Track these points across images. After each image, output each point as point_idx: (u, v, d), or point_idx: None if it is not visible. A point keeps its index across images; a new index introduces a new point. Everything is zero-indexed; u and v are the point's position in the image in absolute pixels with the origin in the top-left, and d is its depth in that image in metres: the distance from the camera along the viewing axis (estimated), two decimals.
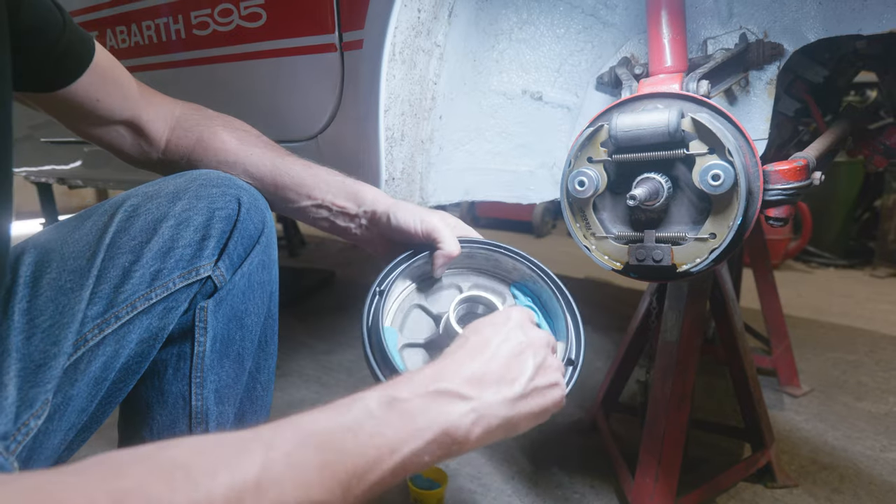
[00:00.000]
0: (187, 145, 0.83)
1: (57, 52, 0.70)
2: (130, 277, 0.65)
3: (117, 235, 0.66)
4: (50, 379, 0.58)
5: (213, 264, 0.70)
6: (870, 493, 1.33)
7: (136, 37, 1.32)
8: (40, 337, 0.59)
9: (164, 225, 0.67)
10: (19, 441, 0.55)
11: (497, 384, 0.50)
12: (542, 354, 0.55)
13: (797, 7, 0.88)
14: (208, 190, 0.71)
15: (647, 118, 0.78)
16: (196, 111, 0.87)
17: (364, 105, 1.02)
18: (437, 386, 0.47)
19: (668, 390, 1.14)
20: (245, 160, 0.81)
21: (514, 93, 1.13)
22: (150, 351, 0.69)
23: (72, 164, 1.88)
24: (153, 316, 0.67)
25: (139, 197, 0.69)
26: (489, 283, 0.80)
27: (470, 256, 0.78)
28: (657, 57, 0.89)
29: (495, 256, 0.77)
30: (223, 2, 1.14)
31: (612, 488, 1.34)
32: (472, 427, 0.46)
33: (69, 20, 0.72)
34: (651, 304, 1.34)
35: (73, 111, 0.77)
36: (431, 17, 1.01)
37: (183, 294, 0.69)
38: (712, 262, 0.78)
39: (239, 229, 0.72)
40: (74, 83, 0.74)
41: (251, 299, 0.75)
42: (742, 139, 0.78)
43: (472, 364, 0.50)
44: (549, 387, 0.54)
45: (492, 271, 0.80)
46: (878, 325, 2.59)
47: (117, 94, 0.79)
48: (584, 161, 0.86)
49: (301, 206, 0.81)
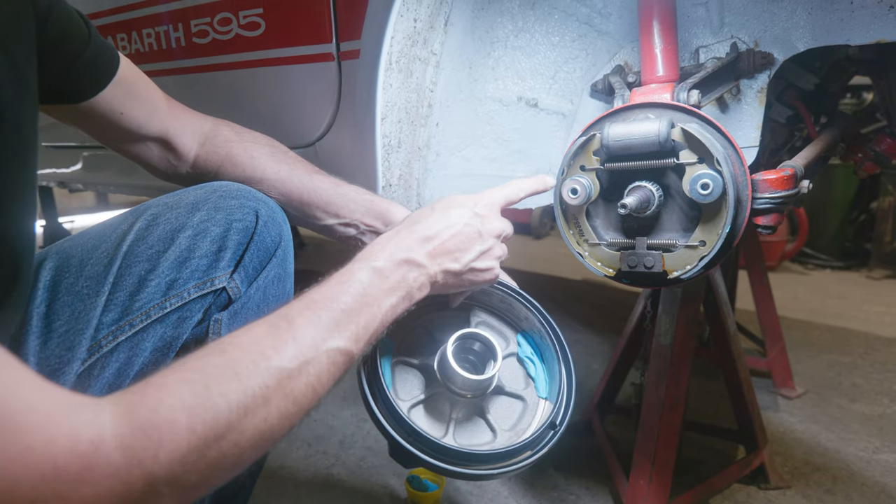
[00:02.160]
0: (217, 160, 0.84)
1: (82, 63, 0.71)
2: (146, 286, 0.66)
3: (135, 244, 0.67)
4: (64, 384, 0.59)
5: (228, 276, 0.71)
6: (862, 495, 1.35)
7: (137, 44, 1.33)
8: (56, 342, 0.61)
9: (182, 235, 0.68)
10: None
11: (445, 258, 0.66)
12: (489, 242, 0.70)
13: (787, 17, 0.89)
14: (227, 201, 0.72)
15: (638, 128, 0.79)
16: (227, 127, 0.88)
17: (361, 113, 1.03)
18: (402, 255, 0.63)
19: (661, 393, 1.16)
20: (273, 176, 0.83)
21: (510, 99, 1.14)
22: (164, 360, 0.69)
23: (72, 168, 1.89)
24: (167, 325, 0.68)
25: (160, 206, 0.70)
26: (497, 325, 0.81)
27: (487, 294, 0.79)
28: (649, 67, 0.91)
29: (510, 301, 0.78)
30: (222, 11, 1.15)
31: (607, 490, 1.36)
32: (423, 286, 0.64)
33: (95, 33, 0.74)
34: (646, 308, 1.35)
35: (97, 123, 0.79)
36: (428, 26, 1.03)
37: (197, 304, 0.70)
38: (702, 268, 0.80)
39: (256, 241, 0.73)
40: (98, 95, 0.75)
41: (265, 312, 0.75)
42: (731, 149, 0.79)
43: (429, 237, 0.66)
44: (484, 270, 0.71)
45: (503, 314, 0.81)
46: (873, 326, 2.61)
47: (143, 108, 0.80)
48: (576, 169, 0.87)
49: (328, 223, 0.83)
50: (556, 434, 0.68)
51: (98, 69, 0.74)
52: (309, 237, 4.72)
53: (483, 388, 0.73)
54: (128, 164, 1.64)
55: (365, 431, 1.62)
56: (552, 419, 0.69)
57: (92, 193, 6.11)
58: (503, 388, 0.77)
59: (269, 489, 1.37)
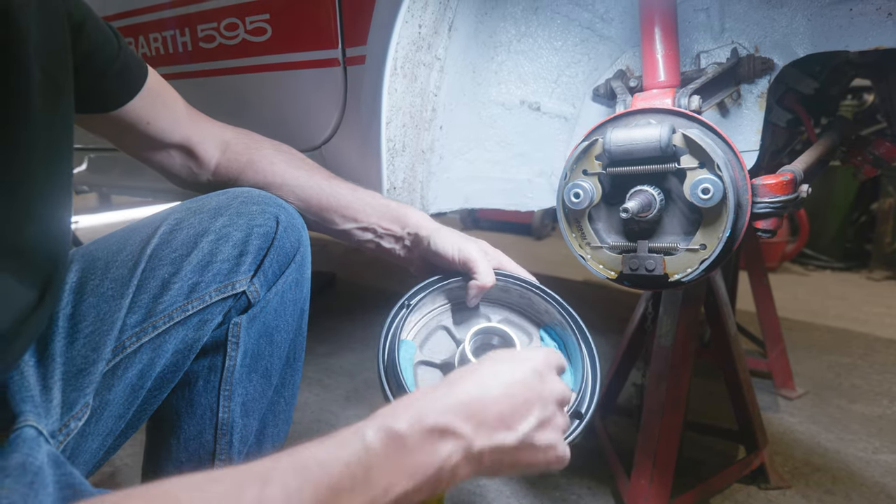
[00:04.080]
0: (238, 168, 0.86)
1: (112, 74, 0.73)
2: (169, 289, 0.67)
3: (159, 247, 0.68)
4: (89, 383, 0.61)
5: (248, 280, 0.72)
6: (862, 495, 1.36)
7: (144, 48, 1.35)
8: (82, 342, 0.62)
9: (205, 239, 0.69)
10: (60, 441, 0.58)
11: (494, 427, 0.47)
12: (550, 410, 0.52)
13: (787, 23, 0.90)
14: (248, 207, 0.73)
15: (639, 133, 0.81)
16: (247, 136, 0.90)
17: (366, 117, 1.04)
18: (434, 421, 0.45)
19: (662, 394, 1.17)
20: (292, 182, 0.84)
21: (513, 103, 1.16)
22: (185, 361, 0.71)
23: (77, 170, 1.90)
24: (189, 327, 0.69)
25: (183, 212, 0.72)
26: (519, 321, 0.80)
27: (505, 290, 0.79)
28: (651, 72, 0.92)
29: (529, 295, 0.78)
30: (229, 16, 1.17)
31: (608, 490, 1.37)
32: (458, 467, 0.45)
33: (124, 44, 0.76)
34: (647, 309, 1.36)
35: (124, 132, 0.80)
36: (432, 31, 1.04)
37: (218, 307, 0.71)
38: (703, 271, 0.81)
39: (275, 247, 0.74)
40: (127, 105, 0.77)
41: (282, 316, 0.77)
42: (731, 154, 0.81)
43: (474, 398, 0.48)
44: (545, 447, 0.51)
45: (524, 310, 0.81)
46: (873, 327, 2.62)
47: (167, 117, 0.82)
48: (579, 173, 0.88)
49: (345, 228, 0.84)
50: (582, 423, 0.65)
51: (127, 80, 0.77)
52: (314, 239, 4.73)
53: None
54: (132, 166, 1.65)
55: None
56: (576, 408, 0.66)
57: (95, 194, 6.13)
58: None
59: None
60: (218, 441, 0.74)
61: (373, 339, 2.42)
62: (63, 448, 0.59)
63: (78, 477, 0.44)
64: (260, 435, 0.79)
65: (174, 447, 0.74)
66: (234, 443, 0.74)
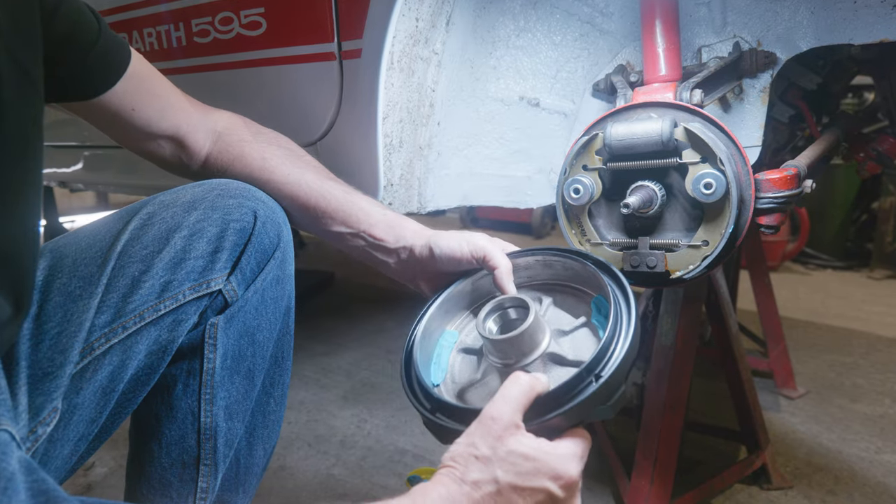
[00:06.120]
0: (227, 159, 0.83)
1: (92, 59, 0.70)
2: (140, 287, 0.64)
3: (129, 244, 0.66)
4: (57, 387, 0.58)
5: (224, 278, 0.70)
6: (864, 495, 1.35)
7: (138, 43, 1.33)
8: (48, 345, 0.59)
9: (177, 235, 0.67)
10: (28, 447, 0.56)
11: None
12: None
13: (789, 17, 0.89)
14: (225, 201, 0.70)
15: (640, 127, 0.79)
16: (244, 125, 0.86)
17: (363, 112, 1.03)
18: None
19: (663, 393, 1.16)
20: (281, 179, 0.80)
21: (512, 99, 1.14)
22: (160, 363, 0.68)
23: (73, 168, 1.89)
24: (161, 328, 0.66)
25: (155, 205, 0.69)
26: (569, 301, 0.74)
27: (548, 266, 0.74)
28: (652, 66, 0.90)
29: (572, 265, 0.72)
30: (224, 10, 1.15)
31: (608, 490, 1.36)
32: None
33: (105, 28, 0.72)
34: (647, 308, 1.35)
35: (109, 120, 0.77)
36: (429, 25, 1.02)
37: (192, 307, 0.68)
38: (705, 268, 0.80)
39: (253, 243, 0.71)
40: (109, 91, 0.73)
41: (264, 315, 0.74)
42: (734, 148, 0.79)
43: None
44: None
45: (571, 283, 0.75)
46: (874, 327, 2.60)
47: (155, 105, 0.78)
48: (579, 169, 0.87)
49: (336, 231, 0.80)
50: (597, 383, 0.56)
51: (109, 64, 0.73)
52: (309, 237, 4.73)
53: (520, 350, 0.65)
54: (129, 164, 1.64)
55: (365, 432, 1.62)
56: (590, 366, 0.58)
57: (92, 193, 6.12)
58: (564, 357, 0.69)
59: (269, 489, 1.36)
60: (202, 446, 0.71)
61: (370, 338, 2.40)
62: (32, 454, 0.56)
63: (51, 483, 0.42)
64: (249, 437, 0.77)
65: (156, 452, 0.72)
66: (220, 447, 0.72)
